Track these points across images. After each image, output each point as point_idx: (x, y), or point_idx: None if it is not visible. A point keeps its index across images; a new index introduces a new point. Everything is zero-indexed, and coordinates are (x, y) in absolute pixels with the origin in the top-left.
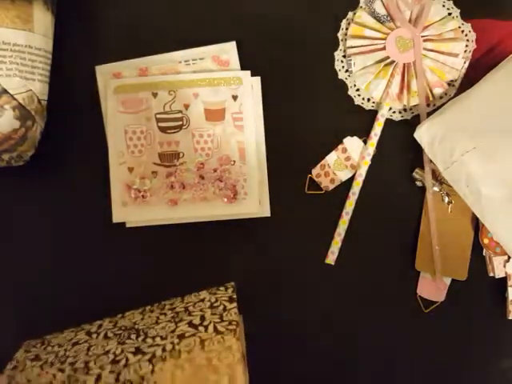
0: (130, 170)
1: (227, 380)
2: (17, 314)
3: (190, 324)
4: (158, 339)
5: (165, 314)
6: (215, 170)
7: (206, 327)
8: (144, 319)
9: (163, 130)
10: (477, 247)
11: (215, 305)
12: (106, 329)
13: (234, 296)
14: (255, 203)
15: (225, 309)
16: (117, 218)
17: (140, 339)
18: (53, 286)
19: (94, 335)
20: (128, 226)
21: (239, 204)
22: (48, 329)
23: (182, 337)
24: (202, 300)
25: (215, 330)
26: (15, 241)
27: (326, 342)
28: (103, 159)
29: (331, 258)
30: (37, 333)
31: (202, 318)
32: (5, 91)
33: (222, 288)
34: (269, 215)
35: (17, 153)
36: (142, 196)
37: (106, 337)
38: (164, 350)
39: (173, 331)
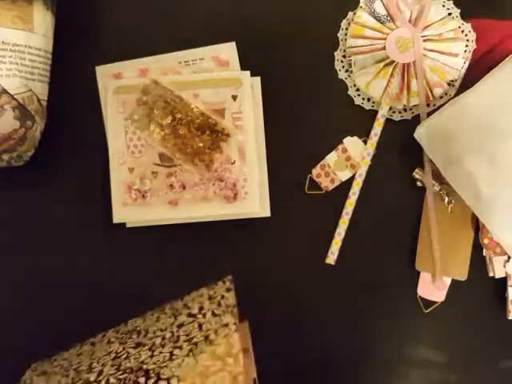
0: (131, 170)
1: (224, 347)
2: (16, 312)
3: (189, 315)
4: (158, 332)
5: (165, 313)
6: (215, 170)
7: (204, 314)
8: (145, 321)
9: None
10: (477, 247)
11: (213, 296)
12: (109, 336)
13: (232, 287)
14: (255, 203)
15: (222, 297)
16: (117, 218)
17: (141, 336)
18: (53, 286)
19: (98, 344)
20: (128, 226)
21: (239, 204)
22: (47, 327)
23: (181, 325)
24: (201, 295)
25: (213, 314)
26: (15, 241)
27: (325, 342)
28: (103, 159)
29: (331, 258)
30: (36, 330)
31: (201, 309)
32: (5, 91)
33: (220, 282)
34: (269, 215)
35: (17, 153)
36: (143, 196)
37: (108, 342)
38: (163, 338)
39: (172, 324)
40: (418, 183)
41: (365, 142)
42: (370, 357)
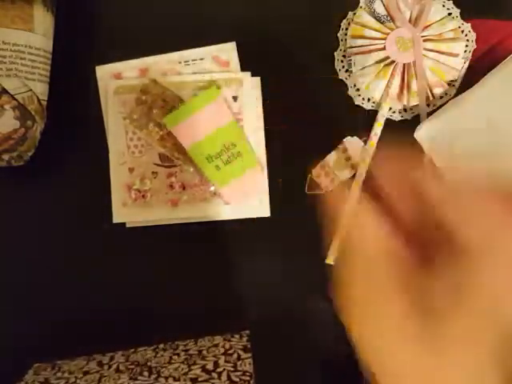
0: (131, 170)
1: None
2: (15, 312)
3: (204, 369)
4: (170, 380)
5: (178, 355)
6: None
7: (220, 374)
8: (157, 357)
9: None
10: None
11: (229, 352)
12: (118, 362)
13: (249, 346)
14: (255, 203)
15: (239, 358)
16: (117, 218)
17: (152, 377)
18: (53, 286)
19: (106, 366)
20: (128, 226)
21: (239, 204)
22: (47, 327)
23: (195, 381)
24: (216, 345)
25: (228, 378)
26: (15, 241)
27: (325, 342)
28: (103, 159)
29: (331, 258)
30: (36, 330)
31: (216, 365)
32: (5, 91)
33: (236, 336)
34: (269, 215)
35: (17, 153)
36: (143, 196)
37: (117, 370)
38: None
39: (185, 373)
40: None
41: (365, 142)
42: None
